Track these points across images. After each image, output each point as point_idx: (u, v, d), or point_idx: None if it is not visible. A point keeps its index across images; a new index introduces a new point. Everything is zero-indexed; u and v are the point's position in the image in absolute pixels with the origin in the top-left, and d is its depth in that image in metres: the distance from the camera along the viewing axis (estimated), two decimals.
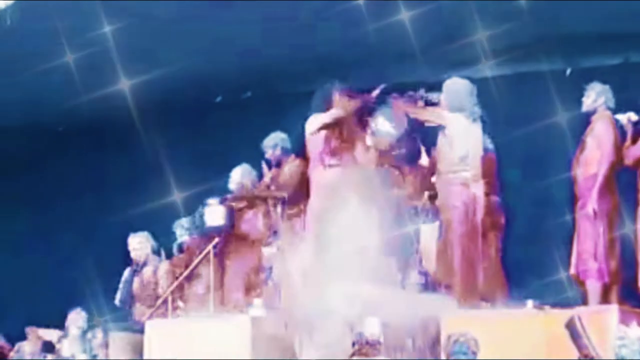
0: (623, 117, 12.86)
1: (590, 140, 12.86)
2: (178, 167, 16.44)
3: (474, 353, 10.71)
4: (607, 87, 13.04)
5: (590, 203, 12.54)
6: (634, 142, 12.86)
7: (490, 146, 13.54)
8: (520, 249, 13.88)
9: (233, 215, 14.47)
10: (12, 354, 14.02)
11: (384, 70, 14.79)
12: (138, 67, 16.96)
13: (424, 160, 13.93)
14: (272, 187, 14.23)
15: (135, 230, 15.15)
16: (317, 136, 13.41)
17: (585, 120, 13.14)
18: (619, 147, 12.86)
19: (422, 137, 13.79)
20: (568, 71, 14.56)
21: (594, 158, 12.79)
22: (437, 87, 13.49)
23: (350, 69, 14.63)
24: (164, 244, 15.27)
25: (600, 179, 12.62)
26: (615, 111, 13.03)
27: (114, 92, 17.23)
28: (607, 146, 12.77)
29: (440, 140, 13.15)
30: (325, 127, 13.41)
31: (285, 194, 13.87)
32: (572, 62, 14.81)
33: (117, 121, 17.86)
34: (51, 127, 18.85)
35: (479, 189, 12.98)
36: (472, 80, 13.66)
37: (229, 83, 17.91)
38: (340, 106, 13.38)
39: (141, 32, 15.84)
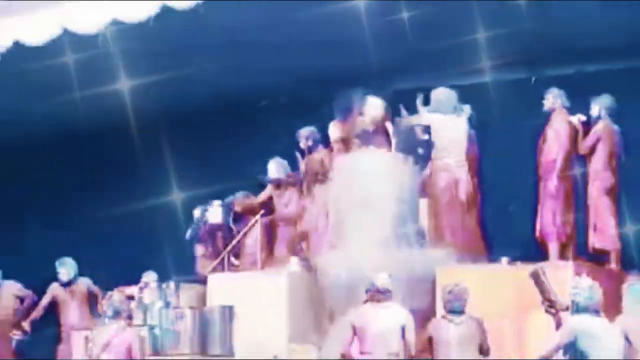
0: (574, 118, 12.91)
1: (550, 132, 12.89)
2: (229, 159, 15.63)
3: (465, 300, 11.04)
4: (562, 91, 12.95)
5: (550, 182, 12.64)
6: (584, 136, 12.87)
7: (474, 139, 13.53)
8: (497, 217, 13.64)
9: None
10: (103, 302, 13.38)
11: (390, 77, 14.39)
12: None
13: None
14: (304, 172, 14.20)
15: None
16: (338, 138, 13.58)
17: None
18: (573, 138, 12.90)
19: None
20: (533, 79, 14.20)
21: (553, 147, 12.84)
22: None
23: (363, 78, 14.03)
24: None
25: (558, 163, 12.72)
26: (570, 111, 13.08)
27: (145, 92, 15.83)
28: (563, 137, 12.83)
29: (432, 135, 13.35)
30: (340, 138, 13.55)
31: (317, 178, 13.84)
32: (536, 72, 14.36)
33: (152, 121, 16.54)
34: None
35: (462, 173, 13.08)
36: (466, 86, 13.89)
37: (249, 90, 16.00)
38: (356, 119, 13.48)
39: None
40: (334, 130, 13.81)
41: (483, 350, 11.21)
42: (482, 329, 11.20)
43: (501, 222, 13.71)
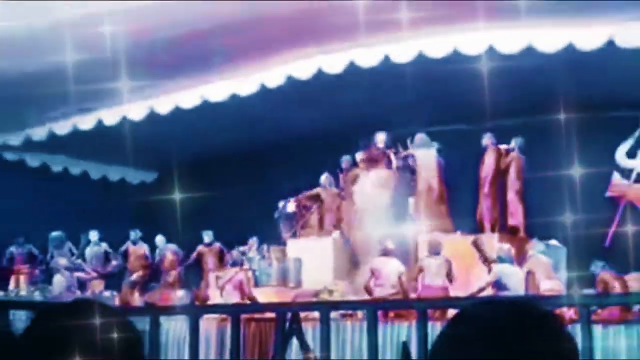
0: (502, 147, 13.12)
1: (485, 159, 13.09)
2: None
3: (440, 248, 11.94)
4: (492, 134, 13.05)
5: (485, 187, 12.97)
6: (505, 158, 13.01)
7: (440, 161, 13.56)
8: (458, 207, 13.45)
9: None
10: (227, 255, 13.63)
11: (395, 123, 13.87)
12: None
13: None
14: (344, 182, 14.26)
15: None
16: (364, 160, 13.84)
17: None
18: (497, 162, 13.03)
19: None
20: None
21: (486, 167, 13.07)
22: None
23: (380, 122, 13.88)
24: None
25: (489, 176, 12.98)
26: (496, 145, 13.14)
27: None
28: (492, 162, 13.04)
29: (417, 162, 13.59)
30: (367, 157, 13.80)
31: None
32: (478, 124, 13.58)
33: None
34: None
35: (434, 180, 13.39)
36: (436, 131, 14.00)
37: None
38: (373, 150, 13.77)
39: None
40: (360, 156, 13.93)
41: (450, 277, 11.73)
42: (449, 265, 11.77)
43: (460, 210, 13.49)
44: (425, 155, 13.63)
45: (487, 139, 13.22)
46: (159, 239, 15.33)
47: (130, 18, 11.26)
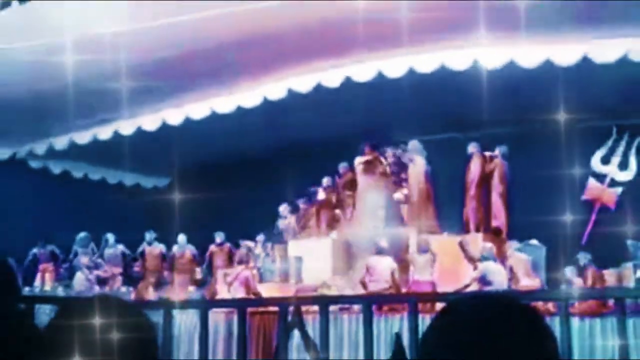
0: (487, 154, 13.13)
1: (471, 165, 13.06)
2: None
3: (428, 246, 12.01)
4: (477, 143, 13.04)
5: (471, 190, 12.94)
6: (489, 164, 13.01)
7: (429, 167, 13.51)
8: (446, 209, 13.40)
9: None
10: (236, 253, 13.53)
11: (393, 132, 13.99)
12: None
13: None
14: (341, 186, 14.28)
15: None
16: (360, 165, 13.76)
17: None
18: (482, 168, 12.98)
19: None
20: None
21: (472, 173, 13.04)
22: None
23: (374, 130, 13.88)
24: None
25: (475, 181, 12.99)
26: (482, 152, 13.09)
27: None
28: (477, 168, 13.00)
29: (411, 166, 13.49)
30: (363, 162, 13.72)
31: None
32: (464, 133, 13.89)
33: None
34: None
35: (423, 184, 13.24)
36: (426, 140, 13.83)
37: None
38: (369, 155, 13.71)
39: None
40: (359, 160, 13.74)
41: (434, 273, 11.75)
42: (436, 261, 11.86)
43: (448, 212, 13.42)
44: (418, 161, 13.58)
45: (472, 147, 13.20)
46: (181, 238, 15.09)
47: (143, 37, 11.40)
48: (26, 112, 13.37)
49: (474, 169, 13.04)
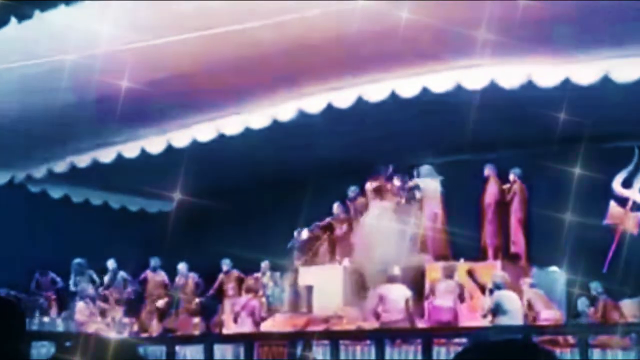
0: (511, 177, 13.13)
1: (487, 188, 13.15)
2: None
3: (452, 272, 12.04)
4: (493, 165, 13.13)
5: (487, 215, 13.08)
6: (508, 191, 13.13)
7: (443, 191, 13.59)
8: (465, 233, 13.21)
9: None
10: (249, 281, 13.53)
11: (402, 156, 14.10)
12: None
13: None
14: (352, 210, 14.22)
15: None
16: (371, 190, 13.75)
17: None
18: (499, 191, 13.11)
19: None
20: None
21: (488, 196, 13.11)
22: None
23: (386, 153, 13.98)
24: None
25: (492, 205, 13.07)
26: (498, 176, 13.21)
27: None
28: (493, 191, 13.10)
29: (422, 192, 13.59)
30: (374, 187, 13.73)
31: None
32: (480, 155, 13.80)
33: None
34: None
35: (438, 208, 13.47)
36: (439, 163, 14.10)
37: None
38: (380, 179, 13.76)
39: None
40: (370, 184, 13.77)
41: (461, 297, 11.96)
42: (462, 288, 11.96)
43: (463, 238, 13.24)
44: (430, 186, 13.66)
45: (488, 169, 13.27)
46: (182, 266, 15.20)
47: (145, 56, 11.33)
48: (22, 134, 13.43)
49: (491, 192, 13.10)
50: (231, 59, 11.65)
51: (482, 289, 11.66)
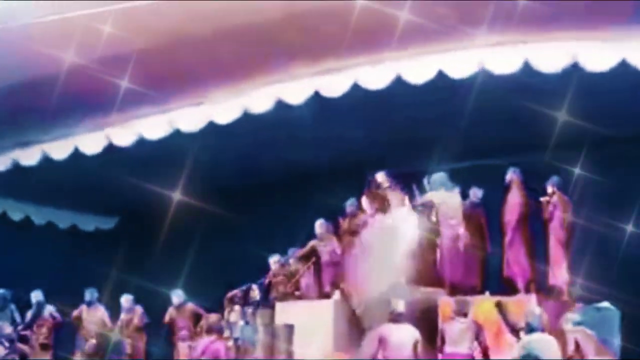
0: (549, 189, 12.98)
1: (509, 198, 13.11)
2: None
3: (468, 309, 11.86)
4: (517, 168, 13.16)
5: (509, 235, 12.99)
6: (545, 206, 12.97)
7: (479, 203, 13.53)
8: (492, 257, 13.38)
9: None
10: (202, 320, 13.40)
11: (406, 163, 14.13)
12: None
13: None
14: (345, 229, 14.03)
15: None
16: (369, 205, 13.71)
17: None
18: (524, 203, 13.05)
19: None
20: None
21: (510, 209, 13.11)
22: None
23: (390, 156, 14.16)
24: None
25: (513, 221, 12.97)
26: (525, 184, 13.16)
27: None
28: (516, 202, 13.07)
29: (437, 207, 13.47)
30: (373, 201, 13.69)
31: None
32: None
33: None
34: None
35: (460, 229, 13.31)
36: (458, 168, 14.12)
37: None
38: (380, 192, 13.70)
39: None
40: (365, 200, 13.79)
41: (479, 341, 11.70)
42: (479, 329, 11.74)
43: (490, 265, 13.49)
44: (446, 198, 13.50)
45: (512, 175, 13.17)
46: (125, 299, 15.22)
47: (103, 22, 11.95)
48: None
49: (513, 203, 13.03)
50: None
51: (513, 330, 11.42)
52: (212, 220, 16.38)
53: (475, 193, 13.66)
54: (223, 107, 13.62)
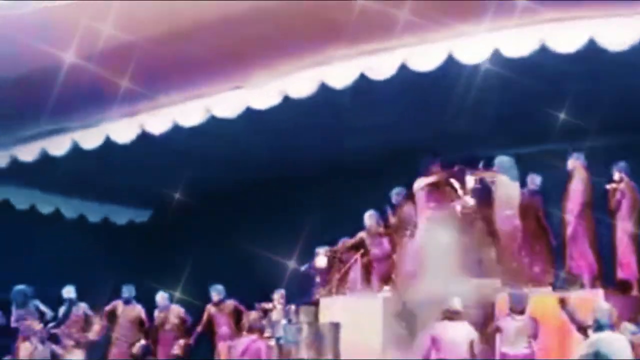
0: (616, 175, 12.98)
1: (571, 186, 13.07)
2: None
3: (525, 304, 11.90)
4: (581, 153, 13.16)
5: (571, 226, 12.97)
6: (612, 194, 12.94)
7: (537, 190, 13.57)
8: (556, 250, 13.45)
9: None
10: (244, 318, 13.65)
11: (463, 149, 14.10)
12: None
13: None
14: (394, 221, 14.16)
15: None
16: (422, 191, 13.60)
17: None
18: (588, 190, 13.02)
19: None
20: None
21: (572, 197, 13.04)
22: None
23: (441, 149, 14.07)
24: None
25: (576, 210, 12.95)
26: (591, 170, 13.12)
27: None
28: (579, 190, 13.03)
29: (495, 192, 13.43)
30: (428, 186, 13.63)
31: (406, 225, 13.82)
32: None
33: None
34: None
35: (516, 220, 13.25)
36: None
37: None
38: (436, 175, 13.59)
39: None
40: (421, 183, 13.68)
41: (535, 341, 11.73)
42: (536, 328, 11.75)
43: (554, 255, 13.50)
44: (509, 186, 13.32)
45: (574, 161, 13.08)
46: (161, 297, 15.30)
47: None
48: None
49: (577, 190, 12.94)
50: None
51: (580, 328, 10.96)
52: (252, 213, 16.55)
53: (534, 180, 13.57)
54: (261, 91, 13.52)
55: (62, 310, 15.35)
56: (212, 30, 12.37)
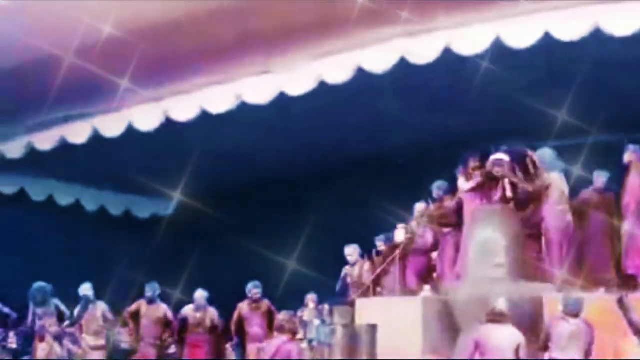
0: None
1: (627, 181, 13.10)
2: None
3: (581, 307, 11.57)
4: (638, 146, 13.15)
5: (628, 223, 13.01)
6: None
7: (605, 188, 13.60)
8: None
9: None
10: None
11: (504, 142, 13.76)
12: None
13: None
14: (436, 215, 14.21)
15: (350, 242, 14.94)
16: (468, 190, 13.63)
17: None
18: None
19: None
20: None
21: (629, 193, 13.07)
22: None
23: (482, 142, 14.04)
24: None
25: (632, 207, 13.00)
26: None
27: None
28: (636, 185, 13.04)
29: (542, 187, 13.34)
30: (472, 189, 13.64)
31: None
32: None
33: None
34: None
35: (568, 216, 13.33)
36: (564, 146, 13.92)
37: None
38: (479, 175, 13.57)
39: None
40: (465, 178, 13.77)
41: (587, 351, 11.50)
42: (591, 333, 11.48)
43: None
44: (558, 181, 13.31)
45: (631, 154, 13.03)
46: (200, 295, 15.31)
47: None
48: None
49: (634, 186, 12.90)
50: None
51: (638, 331, 10.95)
52: (282, 207, 16.74)
53: (600, 178, 13.62)
54: (294, 76, 13.44)
55: (77, 309, 15.29)
56: (240, 10, 12.51)
